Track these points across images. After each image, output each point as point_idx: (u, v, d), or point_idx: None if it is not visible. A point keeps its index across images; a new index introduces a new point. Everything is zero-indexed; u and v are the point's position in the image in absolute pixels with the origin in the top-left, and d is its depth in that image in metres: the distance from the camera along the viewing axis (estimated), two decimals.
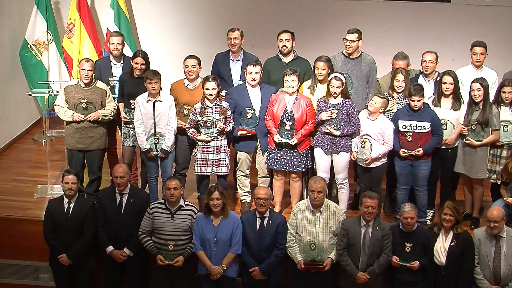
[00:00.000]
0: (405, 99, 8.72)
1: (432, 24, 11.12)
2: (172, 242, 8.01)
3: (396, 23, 11.17)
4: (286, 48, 9.18)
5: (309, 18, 11.36)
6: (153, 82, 8.56)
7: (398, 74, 8.74)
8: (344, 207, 8.72)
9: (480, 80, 8.50)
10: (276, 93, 8.78)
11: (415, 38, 10.79)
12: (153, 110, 8.66)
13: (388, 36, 10.94)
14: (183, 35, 11.65)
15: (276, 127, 8.63)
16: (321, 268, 7.97)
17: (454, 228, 7.76)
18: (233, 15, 11.30)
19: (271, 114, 8.66)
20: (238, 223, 7.99)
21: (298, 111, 8.59)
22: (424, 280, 7.91)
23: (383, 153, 8.51)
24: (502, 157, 8.63)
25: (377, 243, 7.87)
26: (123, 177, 8.21)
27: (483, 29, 10.68)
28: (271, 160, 8.74)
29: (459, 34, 10.81)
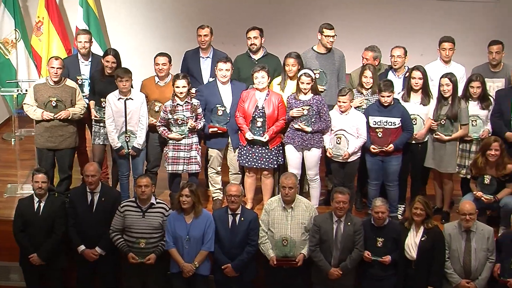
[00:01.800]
0: (373, 95, 8.76)
1: (402, 19, 11.18)
2: (143, 240, 7.98)
3: (367, 18, 11.20)
4: (255, 46, 9.17)
5: (279, 14, 11.36)
6: (124, 80, 8.53)
7: (366, 70, 8.78)
8: (315, 203, 8.74)
9: (449, 75, 8.56)
10: (247, 90, 8.78)
11: (385, 33, 10.82)
12: (124, 108, 8.63)
13: (359, 31, 10.95)
14: (153, 32, 11.61)
15: (248, 124, 8.63)
16: (293, 264, 7.98)
17: (424, 223, 7.80)
18: (202, 12, 11.25)
19: (242, 111, 8.65)
20: (210, 220, 7.97)
21: (269, 107, 8.59)
22: (395, 274, 7.95)
23: (359, 146, 8.56)
24: (471, 151, 8.70)
25: (349, 238, 7.89)
26: (94, 176, 8.16)
27: (451, 24, 10.74)
28: (242, 157, 8.74)
29: (428, 29, 10.86)
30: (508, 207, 8.18)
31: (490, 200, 8.25)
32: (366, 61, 9.08)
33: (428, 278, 7.82)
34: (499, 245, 7.81)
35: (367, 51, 9.13)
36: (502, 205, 8.25)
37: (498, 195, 8.26)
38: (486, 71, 9.05)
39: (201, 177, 9.10)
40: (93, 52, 9.55)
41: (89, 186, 8.19)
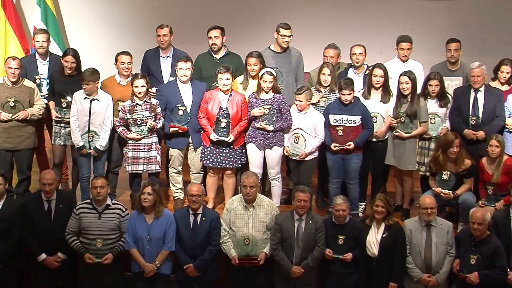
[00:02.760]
0: (331, 93, 8.81)
1: (361, 18, 11.23)
2: (100, 240, 7.91)
3: (326, 17, 11.24)
4: (216, 46, 9.16)
5: (239, 12, 11.36)
6: (85, 84, 8.49)
7: (324, 68, 8.82)
8: (277, 202, 8.76)
9: (408, 73, 8.63)
10: (209, 91, 8.75)
11: (344, 31, 10.86)
12: (89, 108, 8.57)
13: (318, 30, 10.99)
14: (112, 32, 11.53)
15: (211, 125, 8.61)
16: (255, 263, 7.98)
17: (385, 220, 7.86)
18: (162, 11, 11.22)
19: (205, 112, 8.63)
20: (171, 220, 7.94)
21: (233, 108, 8.59)
22: (357, 271, 7.98)
23: (317, 146, 8.59)
24: (430, 149, 8.76)
25: (311, 236, 7.92)
26: (51, 184, 8.03)
27: (410, 23, 10.83)
28: (206, 157, 8.71)
29: (387, 27, 10.93)
30: (466, 203, 8.27)
31: (450, 195, 8.32)
32: (328, 59, 9.10)
33: (390, 274, 7.87)
34: (458, 241, 7.90)
35: (330, 49, 9.15)
36: (461, 202, 8.34)
37: (457, 191, 8.34)
38: (444, 70, 9.15)
39: (162, 176, 9.06)
40: (51, 51, 9.46)
41: (45, 195, 8.06)
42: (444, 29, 10.75)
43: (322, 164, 8.88)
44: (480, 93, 8.78)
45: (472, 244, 7.75)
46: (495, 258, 7.67)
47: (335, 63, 9.14)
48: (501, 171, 8.30)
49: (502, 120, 8.75)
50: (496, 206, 8.23)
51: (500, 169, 8.31)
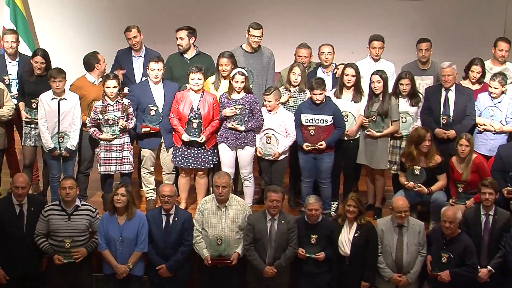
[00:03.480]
0: (301, 92, 8.82)
1: (332, 17, 11.28)
2: (69, 240, 7.82)
3: (297, 16, 11.26)
4: (182, 47, 9.16)
5: (210, 12, 11.38)
6: (57, 81, 8.43)
7: (295, 67, 8.83)
8: (249, 202, 8.76)
9: (379, 72, 8.66)
10: (181, 91, 8.73)
11: (315, 31, 10.88)
12: (58, 108, 8.51)
13: (289, 29, 11.02)
14: (83, 32, 11.49)
15: (183, 125, 8.58)
16: (228, 263, 7.97)
17: (357, 219, 7.88)
18: (132, 11, 11.21)
19: (176, 113, 8.60)
20: (143, 221, 7.91)
21: (204, 108, 8.57)
22: (329, 270, 8.00)
23: (289, 145, 8.61)
24: (401, 148, 8.78)
25: (283, 236, 7.92)
26: (24, 188, 7.93)
27: (381, 22, 10.89)
28: (178, 158, 8.69)
29: (358, 27, 10.98)
30: (437, 202, 8.32)
31: (423, 190, 8.36)
32: (302, 58, 9.12)
33: (362, 273, 7.90)
34: (429, 239, 7.95)
35: (303, 49, 9.17)
36: (432, 201, 8.39)
37: (432, 188, 8.38)
38: (415, 69, 9.19)
39: (134, 176, 9.01)
40: (21, 52, 9.40)
41: (17, 198, 7.95)
42: (416, 28, 10.84)
43: (294, 164, 8.88)
44: (451, 93, 8.82)
45: (443, 243, 7.79)
46: (466, 256, 7.72)
47: (307, 62, 9.17)
48: (470, 170, 8.36)
49: (473, 119, 8.80)
50: (467, 204, 8.29)
51: (469, 167, 8.37)
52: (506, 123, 8.77)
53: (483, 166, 8.43)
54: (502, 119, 8.77)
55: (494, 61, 9.35)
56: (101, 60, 8.98)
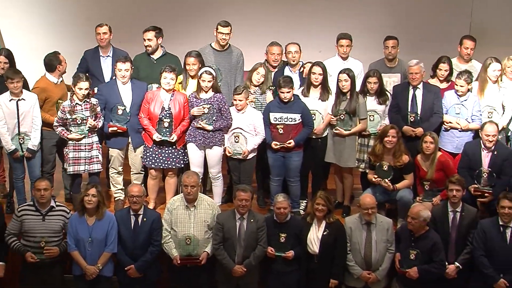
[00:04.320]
0: (262, 94, 8.85)
1: (300, 16, 11.31)
2: (44, 239, 7.77)
3: (265, 16, 11.28)
4: (150, 47, 9.13)
5: (177, 12, 11.36)
6: (15, 82, 8.37)
7: (259, 67, 8.84)
8: (218, 201, 8.76)
9: (347, 71, 8.69)
10: (151, 91, 8.69)
11: (284, 30, 10.90)
12: (17, 109, 8.44)
13: (257, 29, 11.03)
14: (48, 32, 11.40)
15: (154, 125, 8.55)
16: (197, 263, 7.95)
17: (326, 218, 7.91)
18: (99, 10, 11.18)
19: (147, 113, 8.57)
20: (113, 221, 7.87)
21: (175, 107, 8.57)
22: (298, 269, 8.02)
23: (258, 143, 8.61)
24: (369, 146, 8.83)
25: (252, 235, 7.92)
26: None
27: (349, 21, 10.93)
28: (148, 158, 8.66)
29: (326, 26, 11.02)
30: (404, 200, 8.39)
31: (389, 186, 8.41)
32: (275, 56, 9.13)
33: (331, 271, 7.92)
34: (398, 236, 8.00)
35: (275, 46, 9.17)
36: (399, 198, 8.45)
37: (397, 185, 8.44)
38: (382, 67, 9.24)
39: (102, 176, 8.95)
40: None
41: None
42: (383, 26, 10.89)
43: (262, 163, 8.89)
44: (418, 90, 8.89)
45: (412, 240, 7.85)
46: (434, 253, 7.79)
47: (280, 60, 9.18)
48: (435, 168, 8.44)
49: (440, 117, 8.88)
50: (433, 201, 8.36)
51: (434, 166, 8.44)
52: (472, 120, 8.85)
53: (448, 164, 8.51)
54: (468, 116, 8.85)
55: (460, 59, 9.42)
56: (62, 61, 8.96)
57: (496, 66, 8.90)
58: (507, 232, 7.80)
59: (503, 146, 8.68)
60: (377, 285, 8.00)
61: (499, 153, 8.51)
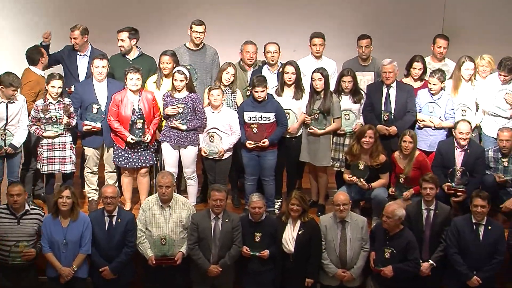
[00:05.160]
0: (232, 93, 8.84)
1: (274, 16, 11.31)
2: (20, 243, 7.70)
3: (239, 15, 11.27)
4: (123, 48, 9.09)
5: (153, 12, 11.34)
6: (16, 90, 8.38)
7: (228, 67, 8.81)
8: (193, 201, 8.76)
9: (320, 70, 8.71)
10: (118, 93, 8.61)
11: (258, 29, 10.89)
12: (6, 111, 8.42)
13: (231, 28, 11.02)
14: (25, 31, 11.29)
15: (126, 127, 8.51)
16: (172, 263, 7.94)
17: (301, 217, 7.92)
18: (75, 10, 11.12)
19: (116, 115, 8.53)
20: (87, 223, 7.83)
21: (145, 107, 8.56)
22: (274, 268, 8.02)
23: (234, 142, 8.61)
24: (344, 145, 8.88)
25: (228, 235, 7.91)
26: None
27: (322, 20, 10.91)
28: (120, 158, 8.64)
29: (300, 25, 11.01)
30: (378, 198, 8.42)
31: (364, 185, 8.45)
32: (249, 54, 9.11)
33: (306, 270, 7.94)
34: (373, 235, 8.04)
35: (250, 45, 9.16)
36: (373, 197, 8.49)
37: (372, 184, 8.49)
38: (356, 65, 9.27)
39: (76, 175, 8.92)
40: None
41: None
42: (356, 25, 10.92)
43: (237, 162, 8.88)
44: (392, 89, 8.93)
45: (386, 238, 7.88)
46: (408, 251, 7.82)
47: (255, 59, 9.19)
48: (413, 166, 8.49)
49: (413, 116, 8.93)
50: (405, 195, 8.44)
51: (411, 164, 8.49)
52: (445, 119, 8.91)
53: (426, 163, 8.57)
54: (441, 115, 8.91)
55: (433, 58, 9.48)
56: (44, 53, 9.00)
57: (470, 65, 8.97)
58: (480, 230, 7.86)
59: (476, 145, 8.77)
60: (352, 283, 8.03)
61: (472, 152, 8.60)
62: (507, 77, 8.83)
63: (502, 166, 8.63)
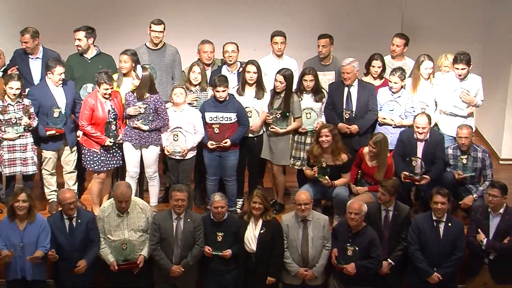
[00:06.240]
0: (202, 91, 8.82)
1: (234, 15, 11.30)
2: None
3: (199, 14, 11.24)
4: (80, 47, 9.03)
5: (110, 11, 11.26)
6: None
7: (194, 66, 8.82)
8: (155, 201, 8.77)
9: (284, 71, 8.73)
10: (89, 97, 8.50)
11: (218, 28, 10.87)
12: None
13: (191, 28, 10.98)
14: None
15: (101, 130, 8.46)
16: (134, 266, 7.89)
17: (263, 216, 7.92)
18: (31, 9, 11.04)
19: (90, 119, 8.44)
20: (44, 224, 7.73)
21: (117, 107, 8.55)
22: (236, 268, 8.03)
23: (198, 141, 8.60)
24: (306, 143, 8.92)
25: (190, 235, 7.90)
26: None
27: (283, 19, 10.91)
28: (95, 163, 8.57)
29: (260, 24, 11.02)
30: (340, 197, 8.47)
31: (328, 183, 8.47)
32: (208, 54, 9.10)
33: (268, 269, 7.95)
34: (335, 233, 8.07)
35: (207, 44, 9.14)
36: (335, 195, 8.52)
37: (335, 182, 8.51)
38: (316, 64, 9.27)
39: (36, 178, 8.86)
40: None
41: None
42: (317, 24, 10.96)
43: (199, 162, 8.86)
44: (353, 88, 8.97)
45: (349, 236, 7.91)
46: (371, 249, 7.87)
47: (212, 58, 9.17)
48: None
49: (375, 114, 8.99)
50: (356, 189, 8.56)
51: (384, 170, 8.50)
52: (406, 117, 8.98)
53: (391, 166, 8.61)
54: (401, 113, 8.98)
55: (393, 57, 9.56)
56: (1, 54, 8.94)
57: (429, 63, 9.05)
58: (440, 227, 7.93)
59: (436, 133, 8.86)
60: (314, 282, 8.06)
61: (432, 140, 8.71)
62: (464, 70, 8.91)
63: (461, 164, 8.71)
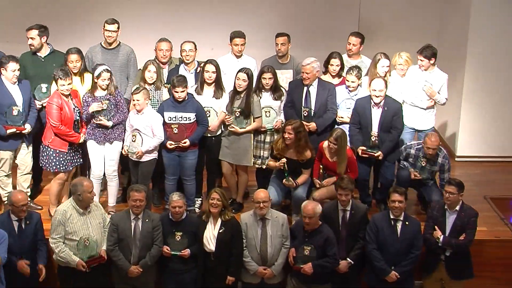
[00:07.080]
0: (157, 90, 8.81)
1: (191, 14, 11.30)
2: None
3: (156, 13, 11.22)
4: (33, 46, 8.96)
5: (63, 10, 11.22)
6: None
7: (149, 65, 8.78)
8: (113, 201, 8.76)
9: (245, 70, 8.73)
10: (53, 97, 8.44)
11: (175, 27, 10.83)
12: None
13: (148, 26, 10.96)
14: None
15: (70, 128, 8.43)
16: (101, 260, 7.82)
17: (222, 215, 7.93)
18: None
19: (59, 119, 8.38)
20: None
21: (79, 104, 8.54)
22: (195, 267, 8.04)
23: (154, 146, 8.55)
24: (266, 142, 8.94)
25: (148, 235, 7.89)
26: None
27: (240, 18, 10.97)
28: (60, 163, 8.52)
29: (217, 23, 11.03)
30: (297, 196, 8.51)
31: (293, 184, 8.50)
32: (162, 52, 9.07)
33: (227, 269, 7.97)
34: (292, 232, 8.09)
35: (164, 42, 9.11)
36: (293, 195, 8.57)
37: (298, 181, 8.53)
38: (275, 63, 9.28)
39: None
40: None
41: None
42: (274, 23, 10.99)
43: (158, 162, 8.79)
44: (312, 87, 8.99)
45: (305, 235, 7.95)
46: (327, 247, 7.91)
47: (169, 57, 9.14)
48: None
49: (334, 113, 9.02)
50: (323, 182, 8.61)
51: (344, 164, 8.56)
52: None
53: (353, 159, 8.66)
54: None
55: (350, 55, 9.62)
56: None
57: (385, 62, 9.12)
58: (398, 225, 7.98)
59: (392, 101, 8.88)
60: (272, 280, 8.09)
61: (388, 109, 8.78)
62: (423, 62, 9.04)
63: (420, 164, 8.77)
